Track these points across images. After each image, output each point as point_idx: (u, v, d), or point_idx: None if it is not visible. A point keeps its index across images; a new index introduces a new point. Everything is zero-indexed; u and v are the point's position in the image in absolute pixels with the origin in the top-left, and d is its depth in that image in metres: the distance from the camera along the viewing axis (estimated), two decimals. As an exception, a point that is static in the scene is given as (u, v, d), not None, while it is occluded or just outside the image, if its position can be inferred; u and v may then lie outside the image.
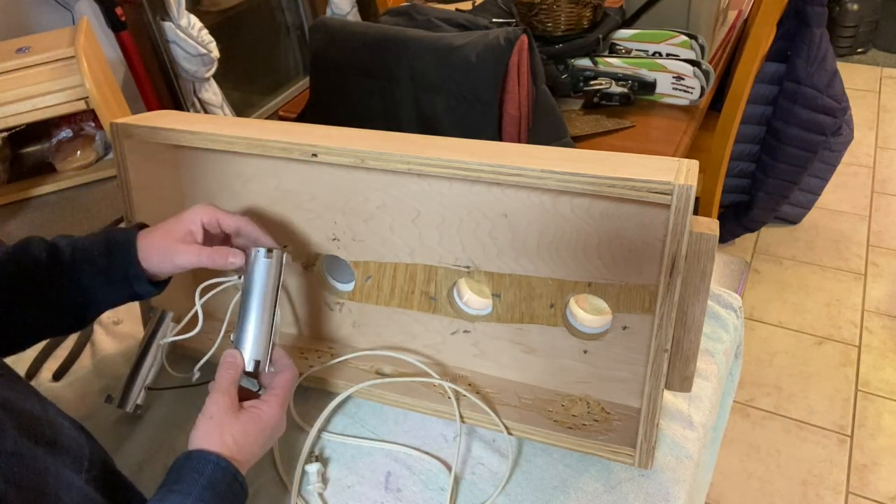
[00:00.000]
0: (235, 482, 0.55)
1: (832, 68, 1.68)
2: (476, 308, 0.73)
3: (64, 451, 0.50)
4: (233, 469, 0.55)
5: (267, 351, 0.64)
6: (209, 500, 0.52)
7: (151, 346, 0.73)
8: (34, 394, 0.54)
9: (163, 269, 0.66)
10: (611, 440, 0.65)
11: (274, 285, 0.65)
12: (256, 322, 0.64)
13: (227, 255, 0.64)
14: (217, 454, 0.55)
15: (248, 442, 0.58)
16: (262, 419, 0.59)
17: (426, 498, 0.65)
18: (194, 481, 0.53)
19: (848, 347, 1.72)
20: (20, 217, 1.25)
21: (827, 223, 2.12)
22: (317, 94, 1.38)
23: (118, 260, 0.64)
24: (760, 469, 1.46)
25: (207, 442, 0.56)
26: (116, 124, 0.71)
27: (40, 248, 0.64)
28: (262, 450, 0.60)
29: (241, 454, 0.57)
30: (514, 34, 1.08)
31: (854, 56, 3.02)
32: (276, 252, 0.65)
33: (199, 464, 0.54)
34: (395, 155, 0.62)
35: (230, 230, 0.67)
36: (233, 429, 0.57)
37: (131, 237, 0.65)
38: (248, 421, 0.59)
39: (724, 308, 0.82)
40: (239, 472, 0.56)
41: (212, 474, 0.53)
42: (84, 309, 0.66)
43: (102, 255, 0.64)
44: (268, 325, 0.64)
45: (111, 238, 0.65)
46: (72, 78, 1.19)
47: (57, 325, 0.67)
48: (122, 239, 0.65)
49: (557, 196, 0.62)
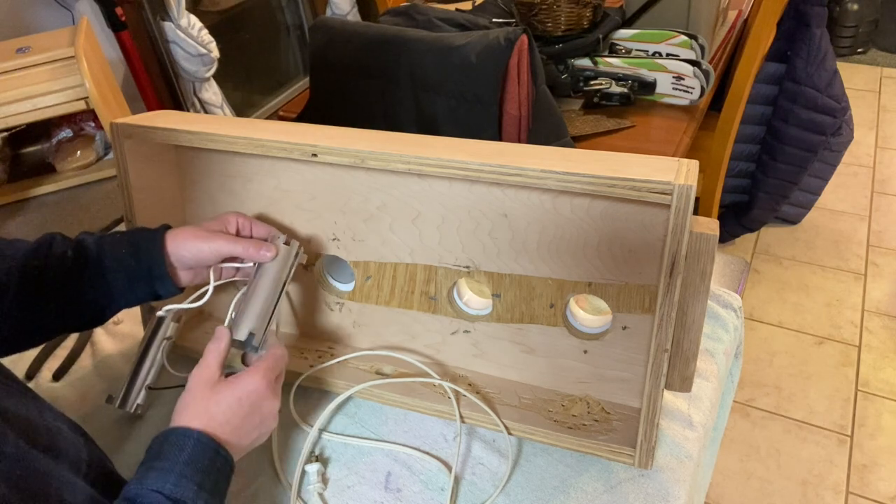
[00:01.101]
0: (218, 456, 0.54)
1: (832, 68, 1.68)
2: (476, 308, 0.73)
3: (63, 456, 0.50)
4: (214, 443, 0.54)
5: (262, 328, 0.65)
6: (191, 475, 0.51)
7: (152, 346, 0.73)
8: (32, 398, 0.54)
9: (194, 261, 0.66)
10: (611, 440, 0.65)
11: (285, 272, 0.68)
12: (260, 300, 0.65)
13: (262, 248, 0.66)
14: (197, 430, 0.54)
15: (224, 412, 0.56)
16: (238, 387, 0.58)
17: (426, 498, 0.65)
18: (175, 457, 0.52)
19: (848, 347, 1.72)
20: (20, 217, 1.25)
21: (827, 223, 2.12)
22: (317, 94, 1.38)
23: (145, 259, 0.65)
24: (760, 469, 1.46)
25: (185, 416, 0.55)
26: (116, 124, 0.71)
27: (66, 245, 0.65)
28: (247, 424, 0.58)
29: (221, 428, 0.56)
30: (514, 34, 1.08)
31: (854, 56, 3.02)
32: (293, 242, 0.69)
33: (179, 439, 0.53)
34: (395, 155, 0.62)
35: (260, 236, 0.70)
36: (209, 401, 0.56)
37: (159, 235, 0.66)
38: (224, 390, 0.58)
39: (724, 308, 0.82)
40: (221, 446, 0.55)
41: (192, 449, 0.53)
42: (103, 307, 0.67)
43: (130, 255, 0.65)
44: (270, 304, 0.66)
45: (139, 236, 0.66)
46: (72, 78, 1.19)
47: (74, 323, 0.67)
48: (150, 237, 0.66)
49: (557, 196, 0.62)
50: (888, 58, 2.99)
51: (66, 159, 1.33)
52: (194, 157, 0.77)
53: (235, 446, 0.57)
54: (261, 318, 0.65)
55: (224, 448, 0.55)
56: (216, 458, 0.54)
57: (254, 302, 0.65)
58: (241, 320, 0.64)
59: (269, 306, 0.66)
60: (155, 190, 0.77)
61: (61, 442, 0.51)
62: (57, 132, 1.37)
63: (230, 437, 0.56)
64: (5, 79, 1.18)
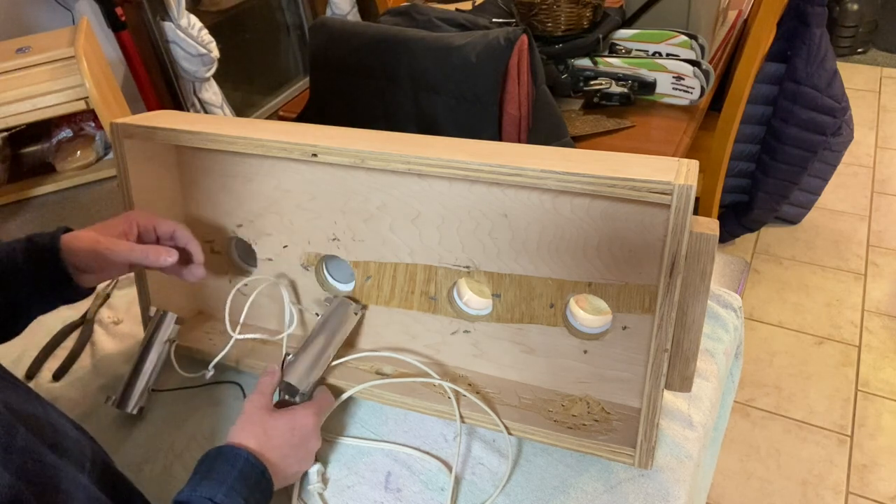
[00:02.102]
0: (263, 478, 0.58)
1: (832, 68, 1.68)
2: (476, 308, 0.73)
3: (68, 453, 0.50)
4: (262, 466, 0.58)
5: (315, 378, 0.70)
6: (240, 489, 0.55)
7: (153, 347, 0.73)
8: (35, 397, 0.54)
9: (93, 267, 0.64)
10: (611, 440, 0.65)
11: (345, 333, 0.74)
12: (317, 351, 0.71)
13: (161, 254, 0.65)
14: (248, 450, 0.58)
15: (278, 436, 0.61)
16: (294, 418, 0.63)
17: (426, 498, 0.65)
18: (227, 472, 0.56)
19: (848, 347, 1.72)
20: (20, 217, 1.25)
21: (827, 223, 2.12)
22: (317, 94, 1.38)
23: (43, 265, 0.63)
24: (760, 469, 1.46)
25: (241, 435, 0.60)
26: (116, 124, 0.71)
27: None
28: (294, 454, 0.62)
29: (272, 452, 0.60)
30: (514, 34, 1.09)
31: (854, 56, 3.02)
32: (361, 310, 0.76)
33: (231, 456, 0.57)
34: (395, 155, 0.62)
35: (165, 234, 0.69)
36: (266, 424, 0.61)
37: (55, 240, 0.63)
38: (281, 417, 0.63)
39: (724, 308, 0.82)
40: (267, 469, 0.58)
41: (243, 467, 0.57)
42: (14, 318, 0.65)
43: (27, 262, 0.62)
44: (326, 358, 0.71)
45: (34, 243, 0.63)
46: (72, 78, 1.19)
47: None
48: (46, 243, 0.63)
49: (557, 196, 0.62)
50: (888, 58, 2.99)
51: (66, 159, 1.34)
52: (194, 157, 0.77)
53: (280, 472, 0.60)
54: (316, 369, 0.70)
55: (269, 472, 0.59)
56: (262, 479, 0.58)
57: (311, 352, 0.70)
58: (297, 367, 0.69)
59: (325, 360, 0.71)
60: (155, 190, 0.77)
61: (66, 440, 0.51)
62: (57, 132, 1.37)
63: (279, 462, 0.60)
64: (5, 79, 1.18)
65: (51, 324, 0.88)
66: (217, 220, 0.79)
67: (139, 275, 0.78)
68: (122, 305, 0.92)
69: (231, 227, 0.79)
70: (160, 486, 0.67)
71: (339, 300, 0.75)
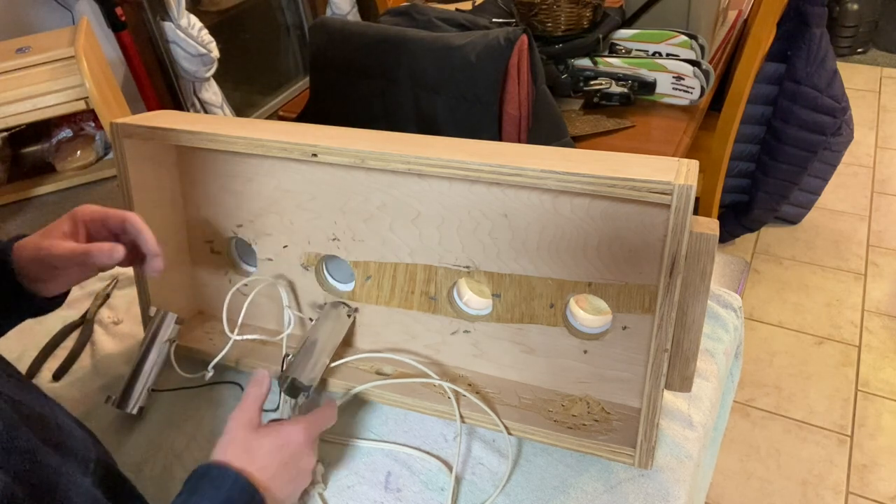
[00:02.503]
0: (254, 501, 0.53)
1: (832, 68, 1.68)
2: (476, 308, 0.73)
3: (72, 454, 0.50)
4: (252, 487, 0.53)
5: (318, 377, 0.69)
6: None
7: (153, 347, 0.73)
8: (42, 396, 0.54)
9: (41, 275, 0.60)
10: (611, 440, 0.65)
11: (339, 336, 0.74)
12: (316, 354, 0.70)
13: (104, 250, 0.58)
14: (236, 470, 0.53)
15: (264, 455, 0.56)
16: (280, 435, 0.58)
17: (426, 498, 0.65)
18: (212, 496, 0.51)
19: (848, 347, 1.72)
20: (20, 217, 1.25)
21: (827, 223, 2.12)
22: (317, 94, 1.38)
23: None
24: (760, 469, 1.46)
25: (225, 455, 0.55)
26: (116, 124, 0.71)
27: None
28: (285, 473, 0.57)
29: (259, 472, 0.55)
30: (514, 34, 1.09)
31: (854, 56, 3.02)
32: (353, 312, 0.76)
33: (217, 478, 0.53)
34: (395, 155, 0.62)
35: (117, 228, 0.63)
36: (250, 442, 0.56)
37: (5, 251, 0.59)
38: (266, 434, 0.58)
39: (724, 308, 0.82)
40: (258, 491, 0.53)
41: (230, 489, 0.52)
42: None
43: None
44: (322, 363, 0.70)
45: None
46: (72, 78, 1.19)
47: None
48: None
49: (557, 196, 0.62)
50: (888, 58, 2.99)
51: (66, 159, 1.34)
52: (194, 157, 0.77)
53: (270, 494, 0.55)
54: (317, 368, 0.69)
55: (260, 494, 0.54)
56: (252, 501, 0.53)
57: (310, 352, 0.69)
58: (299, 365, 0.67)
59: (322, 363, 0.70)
60: (155, 190, 0.77)
61: (71, 440, 0.51)
62: (57, 132, 1.37)
63: (268, 483, 0.55)
64: (5, 79, 1.18)
65: (51, 324, 0.88)
66: (217, 220, 0.79)
67: (139, 275, 0.78)
68: (122, 305, 0.92)
69: (231, 227, 0.79)
70: (160, 487, 0.67)
71: (331, 304, 0.75)
